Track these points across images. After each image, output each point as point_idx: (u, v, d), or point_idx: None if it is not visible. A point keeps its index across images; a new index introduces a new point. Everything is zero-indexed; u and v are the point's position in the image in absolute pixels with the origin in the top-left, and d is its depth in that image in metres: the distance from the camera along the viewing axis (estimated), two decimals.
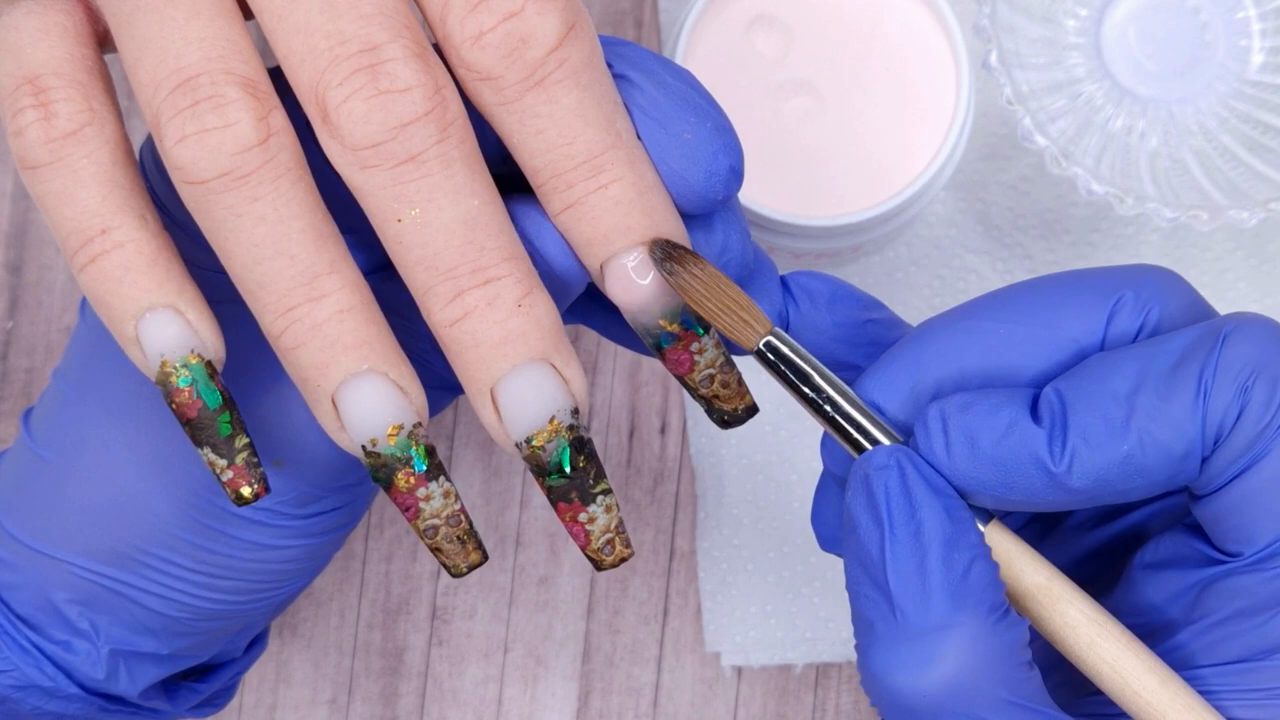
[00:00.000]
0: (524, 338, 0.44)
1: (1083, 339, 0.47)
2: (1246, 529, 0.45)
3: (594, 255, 0.45)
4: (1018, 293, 0.48)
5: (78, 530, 0.51)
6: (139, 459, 0.50)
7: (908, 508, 0.45)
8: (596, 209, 0.45)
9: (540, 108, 0.44)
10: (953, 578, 0.45)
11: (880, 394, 0.47)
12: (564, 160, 0.44)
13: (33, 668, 0.52)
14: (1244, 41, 0.68)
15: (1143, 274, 0.47)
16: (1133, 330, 0.47)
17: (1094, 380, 0.45)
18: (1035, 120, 0.64)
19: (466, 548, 0.46)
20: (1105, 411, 0.45)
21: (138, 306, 0.44)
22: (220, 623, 0.53)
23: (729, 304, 0.46)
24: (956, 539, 0.45)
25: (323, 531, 0.51)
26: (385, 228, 0.43)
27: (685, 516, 0.72)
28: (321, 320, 0.43)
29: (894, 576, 0.45)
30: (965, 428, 0.45)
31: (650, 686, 0.71)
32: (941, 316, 0.48)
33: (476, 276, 0.43)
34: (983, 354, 0.47)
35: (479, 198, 0.43)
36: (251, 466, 0.45)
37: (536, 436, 0.44)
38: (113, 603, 0.52)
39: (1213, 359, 0.44)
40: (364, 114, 0.42)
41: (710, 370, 0.47)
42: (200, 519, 0.50)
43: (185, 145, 0.42)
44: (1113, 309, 0.47)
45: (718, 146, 0.46)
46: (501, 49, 0.43)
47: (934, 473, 0.46)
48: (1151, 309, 0.47)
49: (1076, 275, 0.48)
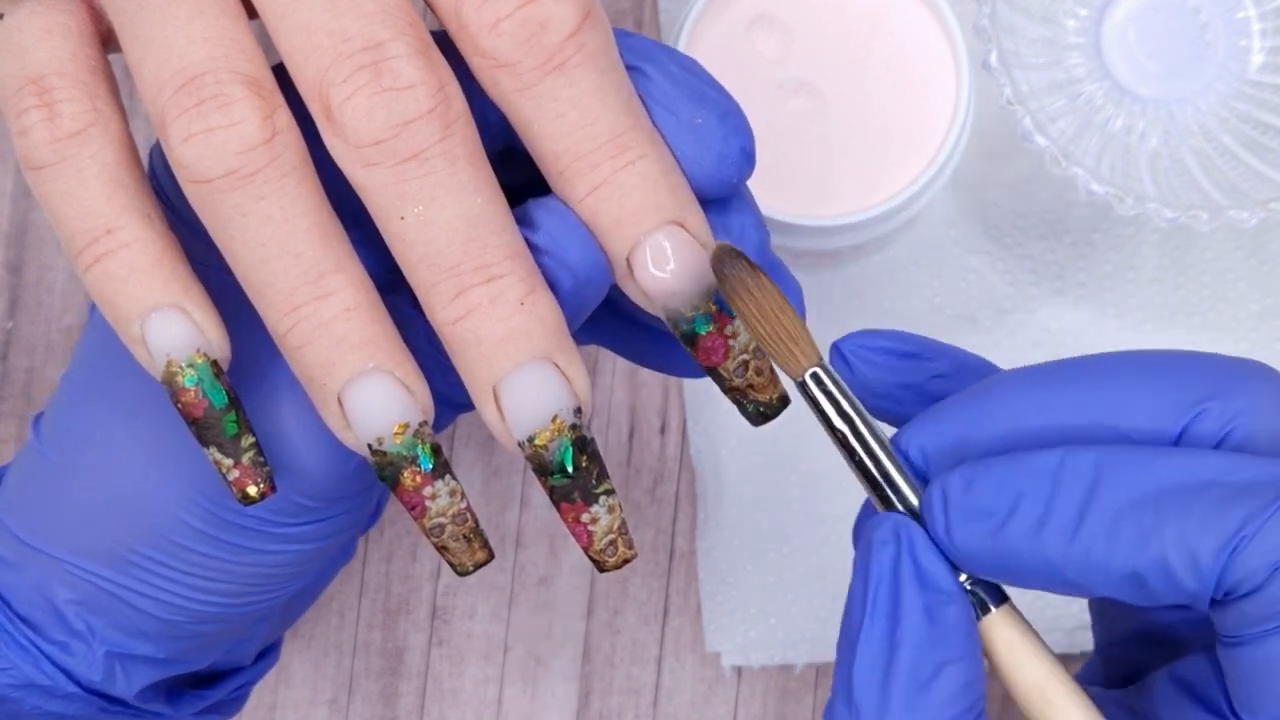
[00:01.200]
0: (527, 336, 0.44)
1: (1152, 439, 0.44)
2: (1253, 698, 0.43)
3: (624, 237, 0.45)
4: (1099, 367, 0.45)
5: (75, 529, 0.51)
6: (135, 459, 0.50)
7: (891, 598, 0.44)
8: (625, 186, 0.44)
9: (560, 91, 0.43)
10: (915, 684, 0.43)
11: (919, 447, 0.46)
12: (587, 141, 0.44)
13: (31, 666, 0.52)
14: (1244, 41, 0.68)
15: (1240, 380, 0.44)
16: (1210, 443, 0.44)
17: (1130, 475, 0.43)
18: (1035, 120, 0.64)
19: (473, 546, 0.46)
20: (1127, 516, 0.42)
21: (143, 306, 0.44)
22: (215, 626, 0.53)
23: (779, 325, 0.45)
24: (931, 641, 0.44)
25: (318, 538, 0.51)
26: (388, 225, 0.43)
27: (685, 516, 0.72)
28: (328, 319, 0.43)
29: (859, 666, 0.44)
30: (965, 509, 0.44)
31: (650, 686, 0.71)
32: (1010, 374, 0.46)
33: (479, 274, 0.43)
34: (1041, 420, 0.45)
35: (482, 195, 0.43)
36: (258, 465, 0.45)
37: (539, 435, 0.44)
38: (108, 604, 0.51)
39: (1263, 516, 0.42)
40: (367, 111, 0.42)
41: (744, 356, 0.46)
42: (192, 522, 0.50)
43: (190, 144, 0.42)
44: (1193, 419, 0.44)
45: (728, 129, 0.46)
46: (519, 34, 0.43)
47: (932, 555, 0.44)
48: (1237, 425, 0.44)
49: (1170, 362, 0.45)
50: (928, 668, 0.44)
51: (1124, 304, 0.71)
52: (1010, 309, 0.71)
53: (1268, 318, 0.71)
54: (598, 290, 0.46)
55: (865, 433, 0.45)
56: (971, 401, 0.46)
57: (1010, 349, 0.71)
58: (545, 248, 0.45)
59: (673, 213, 0.45)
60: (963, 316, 0.71)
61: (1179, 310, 0.71)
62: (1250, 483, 0.42)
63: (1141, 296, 0.71)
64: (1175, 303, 0.71)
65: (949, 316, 0.71)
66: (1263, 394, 0.44)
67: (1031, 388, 0.45)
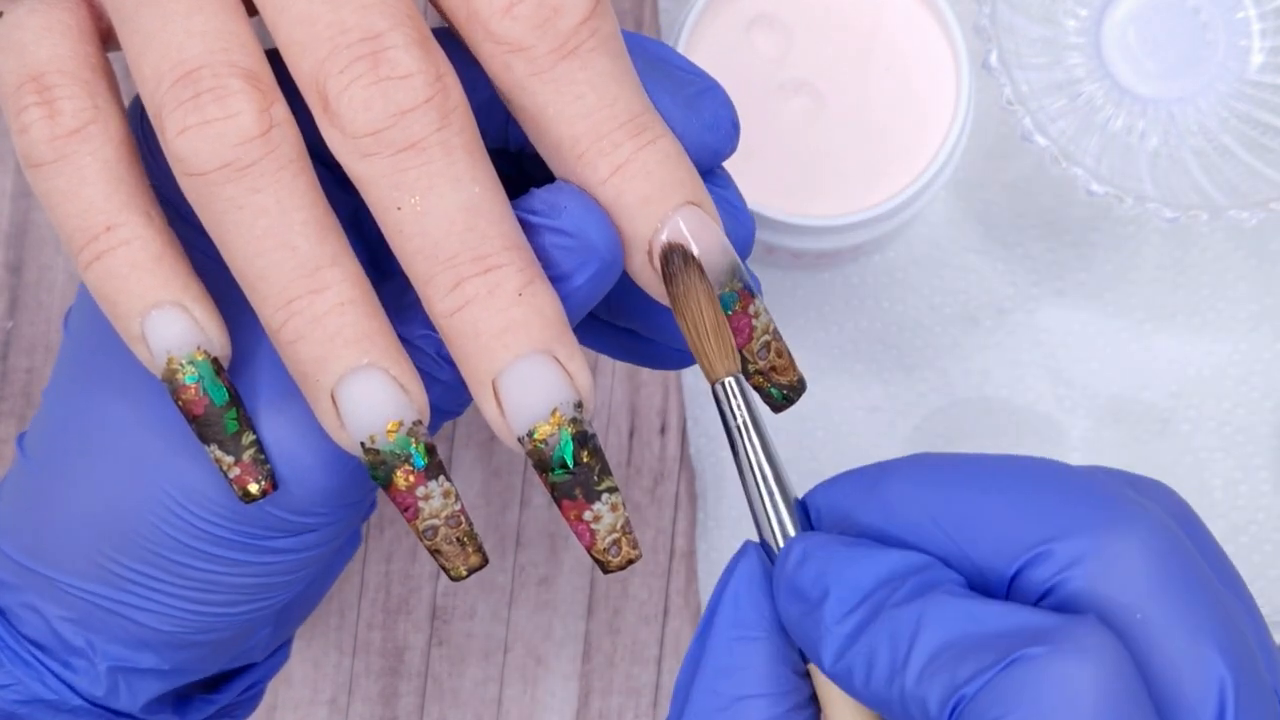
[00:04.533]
0: (525, 327, 0.43)
1: (991, 576, 0.43)
2: None
3: (652, 215, 0.44)
4: (986, 478, 0.43)
5: (61, 546, 0.50)
6: (112, 473, 0.49)
7: (707, 620, 0.44)
8: (650, 163, 0.44)
9: (577, 73, 0.43)
10: (708, 710, 0.43)
11: (816, 506, 0.45)
12: (608, 121, 0.44)
13: (36, 682, 0.52)
14: (1244, 41, 0.68)
15: (1096, 525, 0.42)
16: (1035, 593, 0.42)
17: (938, 620, 0.41)
18: (1035, 120, 0.64)
19: (466, 550, 0.45)
20: (885, 652, 0.41)
21: (144, 303, 0.44)
22: (217, 634, 0.52)
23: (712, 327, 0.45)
24: (730, 670, 0.43)
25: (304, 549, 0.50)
26: (385, 216, 0.43)
27: (685, 516, 0.72)
28: (322, 313, 0.43)
29: (678, 677, 0.44)
30: (789, 582, 0.43)
31: (650, 686, 0.71)
32: (908, 464, 0.45)
33: (477, 265, 0.43)
34: (906, 523, 0.44)
35: (480, 185, 0.43)
36: (259, 463, 0.45)
37: (539, 429, 0.44)
38: (104, 620, 0.51)
39: (987, 675, 0.40)
40: (364, 101, 0.42)
41: (766, 337, 0.46)
42: (175, 535, 0.49)
43: (187, 137, 0.42)
44: (1027, 562, 0.42)
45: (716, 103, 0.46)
46: (533, 19, 0.43)
47: (759, 593, 0.44)
48: (1067, 579, 0.41)
49: (1047, 484, 0.43)
50: (723, 697, 0.43)
51: (1124, 304, 0.71)
52: (1010, 309, 0.71)
53: (1268, 318, 0.71)
54: (617, 275, 0.45)
55: (761, 450, 0.45)
56: (862, 480, 0.45)
57: (1010, 349, 0.71)
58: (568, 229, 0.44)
59: (693, 192, 0.44)
60: (963, 316, 0.71)
61: (1179, 310, 0.71)
62: (1002, 633, 0.40)
63: (1141, 296, 0.71)
64: (1175, 303, 0.71)
65: (949, 316, 0.71)
66: (1110, 544, 0.42)
67: (916, 484, 0.44)
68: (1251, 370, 0.71)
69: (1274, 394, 0.71)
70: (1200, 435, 0.71)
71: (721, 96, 0.46)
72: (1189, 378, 0.71)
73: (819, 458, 0.71)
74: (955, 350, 0.71)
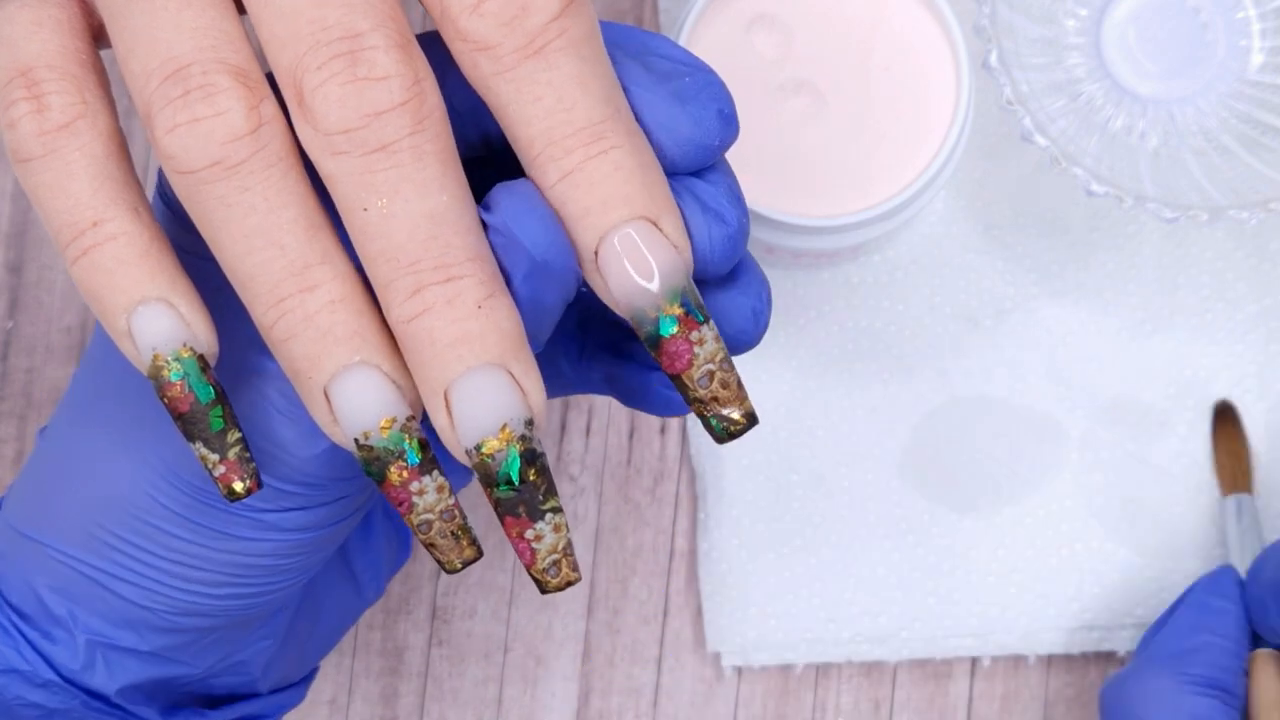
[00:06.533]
0: (481, 339, 0.42)
1: None
2: None
3: (591, 227, 0.43)
4: None
5: (55, 513, 0.51)
6: (110, 439, 0.50)
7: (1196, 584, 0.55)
8: (595, 175, 0.43)
9: (539, 74, 0.43)
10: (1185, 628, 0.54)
11: None
12: (562, 126, 0.43)
13: (11, 650, 0.52)
14: (1244, 41, 0.68)
15: None
16: None
17: None
18: (1035, 120, 0.64)
19: (461, 543, 0.45)
20: None
21: (130, 299, 0.44)
22: (200, 620, 0.52)
23: None
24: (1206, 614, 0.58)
25: (298, 528, 0.50)
26: (351, 217, 0.43)
27: (685, 516, 0.72)
28: (314, 311, 0.43)
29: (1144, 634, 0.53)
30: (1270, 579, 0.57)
31: (650, 686, 0.71)
32: None
33: (439, 273, 0.42)
34: None
35: (449, 194, 0.43)
36: (244, 461, 0.45)
37: (486, 444, 0.43)
38: (86, 589, 0.51)
39: None
40: (339, 99, 0.42)
41: (709, 365, 0.44)
42: (166, 504, 0.49)
43: (175, 135, 0.42)
44: None
45: (704, 95, 0.45)
46: (500, 17, 0.43)
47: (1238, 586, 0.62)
48: None
49: None
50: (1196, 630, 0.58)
51: (1124, 304, 0.71)
52: (1010, 309, 0.71)
53: (1268, 318, 0.71)
54: (559, 279, 0.44)
55: None
56: None
57: (1010, 349, 0.71)
58: (498, 227, 0.44)
59: (644, 208, 0.43)
60: (963, 316, 0.71)
61: (1179, 310, 0.71)
62: None
63: (1141, 296, 0.71)
64: (1175, 303, 0.71)
65: (949, 316, 0.71)
66: None
67: None
68: (1250, 371, 0.71)
69: (1271, 394, 0.71)
70: (1198, 436, 0.71)
71: (713, 87, 0.46)
72: (1188, 378, 0.71)
73: (819, 457, 0.71)
74: (955, 350, 0.71)
